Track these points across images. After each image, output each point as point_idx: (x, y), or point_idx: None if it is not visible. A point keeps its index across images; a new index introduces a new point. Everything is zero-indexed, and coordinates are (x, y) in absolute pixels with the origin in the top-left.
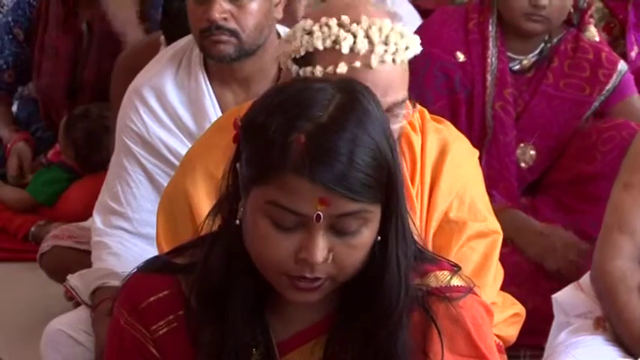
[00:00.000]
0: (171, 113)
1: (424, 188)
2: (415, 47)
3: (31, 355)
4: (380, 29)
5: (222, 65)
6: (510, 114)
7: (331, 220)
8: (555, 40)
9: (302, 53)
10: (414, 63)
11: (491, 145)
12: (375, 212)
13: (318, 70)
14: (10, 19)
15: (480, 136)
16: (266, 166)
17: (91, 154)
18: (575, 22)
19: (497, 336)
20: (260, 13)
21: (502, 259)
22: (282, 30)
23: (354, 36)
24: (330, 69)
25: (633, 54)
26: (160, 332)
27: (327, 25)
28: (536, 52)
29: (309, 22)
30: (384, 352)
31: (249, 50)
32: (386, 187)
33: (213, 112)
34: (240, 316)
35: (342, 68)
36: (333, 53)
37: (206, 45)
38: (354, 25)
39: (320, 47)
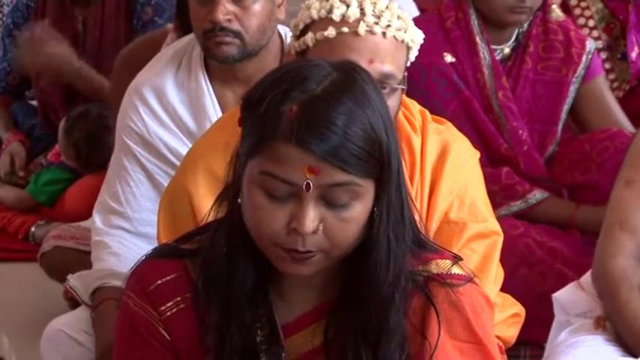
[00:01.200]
0: (172, 113)
1: (424, 189)
2: (412, 35)
3: (31, 355)
4: (374, 3)
5: (223, 65)
6: (512, 100)
7: (321, 191)
8: (525, 25)
9: (301, 27)
10: (409, 79)
11: (510, 133)
12: (366, 187)
13: (309, 37)
14: (9, 21)
15: (497, 125)
16: (260, 137)
17: (92, 154)
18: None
19: (497, 337)
20: (263, 15)
21: (514, 240)
22: (283, 30)
23: (348, 5)
24: (319, 34)
25: (634, 54)
26: (169, 313)
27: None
28: (512, 39)
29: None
30: (374, 331)
31: (252, 51)
32: (378, 162)
33: (214, 111)
34: (242, 295)
35: (331, 32)
36: (325, 21)
37: (209, 46)
38: None
39: (315, 17)
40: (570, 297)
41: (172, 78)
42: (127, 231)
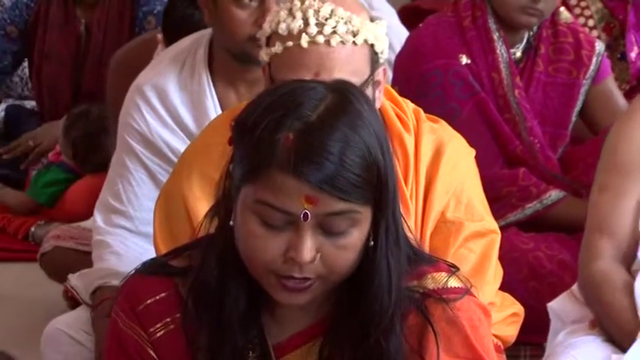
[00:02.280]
0: (173, 113)
1: (419, 188)
2: (370, 32)
3: (32, 355)
4: (317, 11)
5: (232, 66)
6: (525, 99)
7: (319, 220)
8: (535, 28)
9: (263, 41)
10: (427, 82)
11: (528, 131)
12: (364, 213)
13: (264, 53)
14: (5, 16)
15: (513, 125)
16: (254, 165)
17: (90, 155)
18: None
19: (496, 336)
20: None
21: (524, 253)
22: None
23: (293, 17)
24: (270, 50)
25: (633, 54)
26: (158, 334)
27: (277, 11)
28: (524, 42)
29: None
30: (377, 355)
31: None
32: (376, 188)
33: (214, 114)
34: (234, 318)
35: (278, 48)
36: (274, 36)
37: (255, 52)
38: (296, 6)
39: (268, 31)
40: (564, 306)
41: (175, 78)
42: (128, 230)
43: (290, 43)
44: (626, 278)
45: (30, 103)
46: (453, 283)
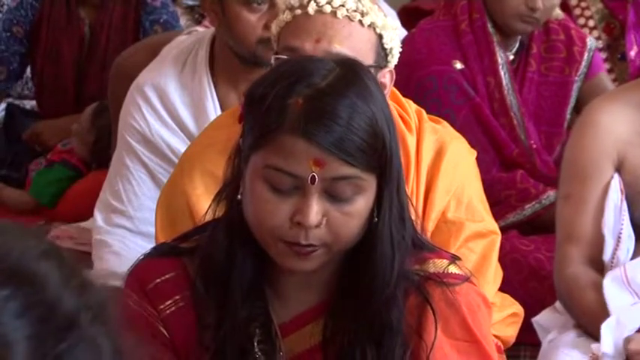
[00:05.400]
0: (173, 113)
1: (420, 188)
2: (378, 19)
3: None
4: None
5: (235, 67)
6: (521, 102)
7: (326, 184)
8: None
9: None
10: (422, 89)
11: (526, 133)
12: (369, 181)
13: (274, 25)
14: (10, 16)
15: (510, 129)
16: (264, 130)
17: (106, 148)
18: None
19: (496, 336)
20: None
21: (525, 254)
22: None
23: None
24: (279, 20)
25: (632, 53)
26: (168, 311)
27: None
28: (517, 43)
29: None
30: (378, 328)
31: None
32: (381, 157)
33: (214, 114)
34: (239, 294)
35: (287, 16)
36: (286, 7)
37: (266, 55)
38: None
39: (282, 6)
40: (548, 320)
41: (176, 78)
42: (128, 230)
43: (298, 11)
44: (594, 278)
45: (30, 103)
46: (454, 269)
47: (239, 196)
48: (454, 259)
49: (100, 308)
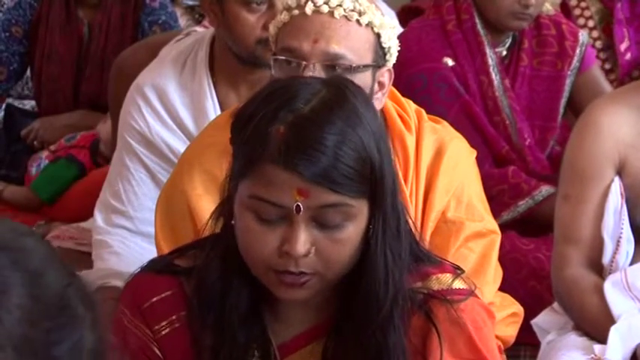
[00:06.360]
0: (173, 114)
1: (419, 188)
2: (375, 18)
3: None
4: None
5: (234, 67)
6: (514, 99)
7: (313, 213)
8: None
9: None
10: (412, 86)
11: (518, 133)
12: (358, 207)
13: (272, 26)
14: (9, 16)
15: (503, 127)
16: (247, 159)
17: None
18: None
19: (496, 336)
20: None
21: (524, 253)
22: None
23: None
24: (277, 21)
25: (623, 47)
26: (163, 332)
27: None
28: (510, 39)
29: None
30: (375, 351)
31: None
32: (370, 182)
33: (214, 114)
34: (236, 318)
35: (285, 17)
36: (285, 8)
37: (266, 56)
38: None
39: (279, 7)
40: (547, 320)
41: (176, 79)
42: (128, 230)
43: (296, 12)
44: (595, 281)
45: (30, 103)
46: (458, 284)
47: (233, 222)
48: (457, 270)
49: (87, 295)
